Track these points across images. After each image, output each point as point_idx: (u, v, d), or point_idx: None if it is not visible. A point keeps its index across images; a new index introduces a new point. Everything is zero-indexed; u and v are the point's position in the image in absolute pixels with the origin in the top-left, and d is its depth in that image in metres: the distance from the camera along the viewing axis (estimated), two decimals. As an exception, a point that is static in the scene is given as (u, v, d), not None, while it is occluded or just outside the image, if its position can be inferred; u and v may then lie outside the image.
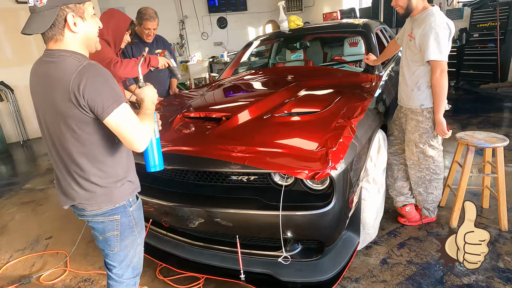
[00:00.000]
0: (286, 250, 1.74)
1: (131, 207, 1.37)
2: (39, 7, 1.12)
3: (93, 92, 1.11)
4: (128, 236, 1.39)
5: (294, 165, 1.53)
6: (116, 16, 2.40)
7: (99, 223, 1.34)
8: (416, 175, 2.30)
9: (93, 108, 1.13)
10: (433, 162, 2.21)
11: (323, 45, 4.14)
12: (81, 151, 1.23)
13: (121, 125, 1.15)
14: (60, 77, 1.13)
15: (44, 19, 1.12)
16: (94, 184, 1.27)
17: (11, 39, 6.03)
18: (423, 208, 2.40)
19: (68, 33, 1.18)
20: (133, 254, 1.44)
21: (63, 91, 1.12)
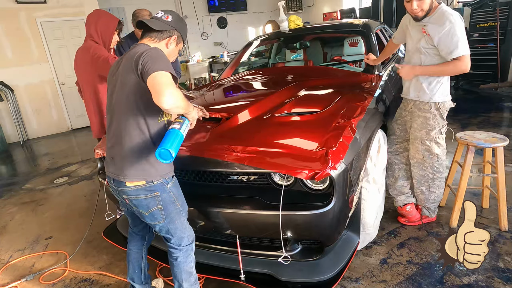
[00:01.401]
0: (286, 250, 1.74)
1: (168, 184, 1.54)
2: (163, 20, 1.53)
3: (148, 59, 1.34)
4: (172, 210, 1.56)
5: (294, 165, 1.53)
6: (104, 17, 2.42)
7: (142, 200, 1.50)
8: (419, 174, 2.30)
9: (143, 69, 1.33)
10: (438, 160, 2.22)
11: (323, 45, 4.14)
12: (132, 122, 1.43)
13: (157, 80, 1.30)
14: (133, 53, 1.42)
15: (162, 25, 1.52)
16: (138, 157, 1.45)
17: (11, 39, 6.03)
18: (423, 207, 2.40)
19: (162, 44, 1.54)
20: (182, 225, 1.62)
21: (128, 61, 1.41)
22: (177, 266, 1.66)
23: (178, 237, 1.62)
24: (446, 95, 2.16)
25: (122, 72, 1.44)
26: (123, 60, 1.49)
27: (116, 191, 1.57)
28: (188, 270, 1.68)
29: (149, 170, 1.47)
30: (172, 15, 1.54)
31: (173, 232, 1.60)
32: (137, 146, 1.45)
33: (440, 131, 2.18)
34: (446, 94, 2.16)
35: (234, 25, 9.96)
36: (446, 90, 2.16)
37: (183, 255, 1.65)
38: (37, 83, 6.37)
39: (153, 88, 1.29)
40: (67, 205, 3.39)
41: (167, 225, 1.57)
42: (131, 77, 1.40)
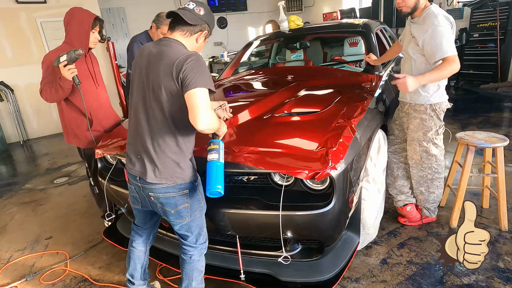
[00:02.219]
0: (286, 250, 1.74)
1: (197, 182, 1.57)
2: (196, 13, 1.46)
3: (190, 70, 1.34)
4: (197, 208, 1.59)
5: (294, 165, 1.53)
6: (77, 15, 2.18)
7: (170, 198, 1.51)
8: (418, 174, 2.30)
9: (184, 80, 1.34)
10: (436, 161, 2.22)
11: (323, 45, 4.14)
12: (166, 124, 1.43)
13: (196, 100, 1.33)
14: (172, 54, 1.40)
15: (195, 19, 1.46)
16: (170, 160, 1.46)
17: (11, 39, 6.02)
18: (423, 208, 2.39)
19: (193, 38, 1.50)
20: (202, 223, 1.65)
21: (168, 64, 1.37)
22: (190, 264, 1.68)
23: (196, 235, 1.64)
24: (442, 96, 2.15)
25: (160, 73, 1.40)
26: (156, 56, 1.43)
27: (140, 188, 1.55)
28: (200, 269, 1.72)
29: (180, 173, 1.48)
30: (203, 8, 1.49)
31: (193, 229, 1.61)
32: (171, 148, 1.46)
33: (437, 132, 2.17)
34: (442, 95, 2.15)
35: (234, 25, 9.95)
36: (442, 91, 2.15)
37: (198, 253, 1.68)
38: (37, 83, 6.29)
39: (191, 107, 1.33)
40: (67, 205, 3.39)
41: (190, 223, 1.59)
42: (169, 82, 1.38)
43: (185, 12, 1.44)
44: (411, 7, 2.04)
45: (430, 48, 1.99)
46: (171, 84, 1.37)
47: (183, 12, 1.44)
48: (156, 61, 1.42)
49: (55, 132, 6.69)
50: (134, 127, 1.54)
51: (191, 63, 1.35)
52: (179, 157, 1.47)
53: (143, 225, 1.80)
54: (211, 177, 1.43)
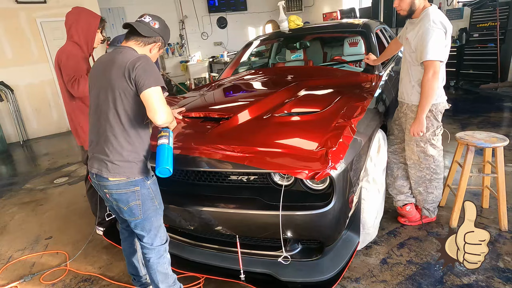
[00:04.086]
0: (286, 250, 1.74)
1: (149, 181, 1.59)
2: (151, 26, 1.56)
3: (142, 71, 1.43)
4: (150, 206, 1.60)
5: (294, 165, 1.53)
6: (84, 15, 2.26)
7: (122, 194, 1.55)
8: (416, 175, 2.30)
9: (137, 81, 1.43)
10: (434, 162, 2.22)
11: (323, 45, 4.14)
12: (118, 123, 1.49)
13: (152, 98, 1.43)
14: (123, 58, 1.48)
15: (149, 32, 1.56)
16: (122, 156, 1.51)
17: (11, 39, 6.02)
18: (423, 208, 2.39)
19: (146, 48, 1.59)
20: (157, 224, 1.66)
21: (120, 66, 1.46)
22: (150, 267, 1.70)
23: (151, 236, 1.65)
24: (439, 97, 2.13)
25: (112, 76, 1.47)
26: (109, 63, 1.51)
27: (98, 186, 1.61)
28: (163, 271, 1.71)
29: (131, 168, 1.53)
30: (159, 22, 1.59)
31: (147, 229, 1.64)
32: (122, 145, 1.51)
33: (434, 132, 2.16)
34: (439, 96, 2.13)
35: (234, 25, 9.95)
36: (439, 91, 2.13)
37: (155, 255, 1.68)
38: (37, 83, 6.37)
39: (148, 106, 1.43)
40: (67, 205, 3.39)
41: (143, 222, 1.61)
42: (122, 83, 1.46)
43: (140, 25, 1.55)
44: (407, 10, 2.07)
45: (419, 49, 2.01)
46: (124, 85, 1.45)
47: (138, 24, 1.54)
48: (109, 66, 1.50)
49: (55, 132, 6.69)
50: (92, 127, 1.60)
51: (142, 64, 1.44)
52: (129, 154, 1.53)
53: (124, 223, 1.83)
54: (160, 158, 1.49)
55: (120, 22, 8.33)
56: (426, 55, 1.95)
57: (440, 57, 1.97)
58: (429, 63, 1.96)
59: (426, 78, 1.98)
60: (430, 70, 1.96)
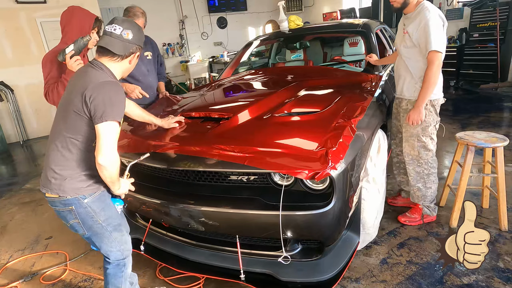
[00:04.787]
0: (286, 250, 1.74)
1: (86, 199, 1.48)
2: (124, 39, 1.42)
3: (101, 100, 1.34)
4: (92, 225, 1.52)
5: (294, 165, 1.53)
6: (78, 14, 2.16)
7: (59, 212, 1.50)
8: (415, 170, 2.31)
9: (94, 110, 1.34)
10: (432, 156, 2.26)
11: (323, 45, 4.14)
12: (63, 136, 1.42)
13: (103, 135, 1.35)
14: (88, 79, 1.38)
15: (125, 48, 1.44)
16: (54, 171, 1.44)
17: (11, 39, 6.02)
18: (424, 207, 2.40)
19: (125, 62, 1.49)
20: (109, 240, 1.57)
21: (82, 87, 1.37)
22: (106, 277, 1.66)
23: (105, 250, 1.59)
24: (440, 91, 2.19)
25: (73, 92, 1.40)
26: (79, 77, 1.43)
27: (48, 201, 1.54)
28: (116, 285, 1.65)
29: (63, 185, 1.43)
30: (131, 29, 1.44)
31: (98, 244, 1.57)
32: (58, 160, 1.43)
33: (435, 127, 2.22)
34: (440, 90, 2.19)
35: (234, 25, 9.95)
36: (440, 86, 2.19)
37: (113, 268, 1.63)
38: (37, 83, 6.36)
39: (98, 140, 1.36)
40: (67, 205, 3.39)
41: (91, 237, 1.55)
42: (78, 104, 1.37)
43: (113, 41, 1.41)
44: (401, 3, 2.10)
45: (423, 41, 2.03)
46: (79, 105, 1.36)
47: (111, 42, 1.40)
48: (76, 81, 1.42)
49: (55, 132, 6.69)
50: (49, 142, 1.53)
51: (102, 95, 1.34)
52: (62, 170, 1.43)
53: None
54: None
55: (120, 22, 8.32)
56: (431, 45, 1.98)
57: (443, 49, 2.00)
58: (434, 55, 1.99)
59: (432, 70, 2.01)
60: (435, 62, 2.00)
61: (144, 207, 2.01)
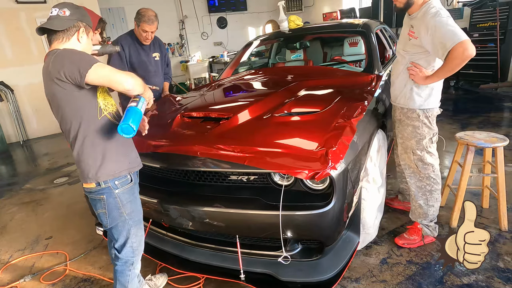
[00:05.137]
0: (286, 250, 1.74)
1: (117, 190, 1.52)
2: (61, 16, 1.41)
3: (66, 66, 1.33)
4: (117, 216, 1.55)
5: (294, 165, 1.53)
6: None
7: (92, 199, 1.55)
8: (416, 185, 2.15)
9: (73, 77, 1.33)
10: (433, 171, 2.10)
11: (323, 45, 4.14)
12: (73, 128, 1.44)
13: (102, 78, 1.36)
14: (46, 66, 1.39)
15: (63, 23, 1.41)
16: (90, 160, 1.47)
17: (11, 39, 6.03)
18: (423, 226, 2.20)
19: (73, 41, 1.45)
20: (128, 234, 1.60)
21: (47, 75, 1.37)
22: (115, 273, 1.68)
23: (120, 244, 1.63)
24: (436, 101, 2.03)
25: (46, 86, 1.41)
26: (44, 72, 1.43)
27: None
28: (123, 283, 1.67)
29: (99, 171, 1.47)
30: (68, 7, 1.44)
31: (116, 236, 1.61)
32: (86, 148, 1.46)
33: (431, 140, 2.05)
34: (437, 100, 2.03)
35: (234, 25, 9.96)
36: (437, 96, 2.02)
37: (122, 265, 1.66)
38: (37, 83, 6.36)
39: (107, 83, 1.37)
40: (67, 205, 3.39)
41: (111, 229, 1.60)
42: (56, 89, 1.37)
43: (50, 22, 1.40)
44: (404, 2, 1.93)
45: (439, 40, 1.77)
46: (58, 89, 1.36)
47: (48, 23, 1.40)
48: (44, 76, 1.42)
49: (55, 132, 6.69)
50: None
51: (60, 61, 1.33)
52: (99, 154, 1.47)
53: None
54: (125, 117, 1.41)
55: (120, 22, 8.33)
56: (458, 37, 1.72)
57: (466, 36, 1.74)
58: (463, 42, 1.71)
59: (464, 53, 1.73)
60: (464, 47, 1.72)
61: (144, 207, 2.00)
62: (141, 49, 2.91)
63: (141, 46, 2.92)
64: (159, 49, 3.05)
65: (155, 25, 2.80)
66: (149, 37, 2.84)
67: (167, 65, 3.20)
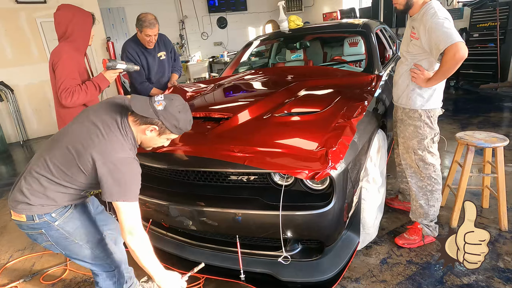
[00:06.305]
0: (286, 250, 1.74)
1: (56, 222, 1.38)
2: (153, 105, 1.35)
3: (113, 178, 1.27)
4: (68, 245, 1.44)
5: (294, 165, 1.53)
6: (78, 14, 2.18)
7: (29, 235, 1.41)
8: (417, 185, 2.16)
9: (106, 185, 1.27)
10: (434, 171, 2.10)
11: (323, 45, 4.14)
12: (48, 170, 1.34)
13: (120, 214, 1.29)
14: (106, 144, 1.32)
15: (146, 110, 1.34)
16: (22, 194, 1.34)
17: (11, 39, 6.02)
18: (424, 226, 2.20)
19: (141, 128, 1.40)
20: (91, 256, 1.50)
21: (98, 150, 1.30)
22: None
23: (88, 266, 1.54)
24: (438, 102, 2.04)
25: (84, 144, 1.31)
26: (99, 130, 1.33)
27: None
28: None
29: (30, 208, 1.33)
30: (167, 103, 1.36)
31: (81, 259, 1.50)
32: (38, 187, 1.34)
33: (432, 140, 2.06)
34: (438, 101, 2.04)
35: (234, 25, 9.96)
36: (439, 96, 2.03)
37: (104, 281, 1.58)
38: (37, 83, 6.37)
39: (119, 217, 1.29)
40: (67, 205, 3.39)
41: (70, 256, 1.48)
42: (86, 161, 1.29)
43: (140, 100, 1.36)
44: (403, 4, 1.95)
45: (434, 41, 1.81)
46: (89, 162, 1.29)
47: (137, 104, 1.34)
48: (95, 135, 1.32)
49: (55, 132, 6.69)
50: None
51: (118, 171, 1.26)
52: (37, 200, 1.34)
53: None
54: None
55: (120, 22, 8.34)
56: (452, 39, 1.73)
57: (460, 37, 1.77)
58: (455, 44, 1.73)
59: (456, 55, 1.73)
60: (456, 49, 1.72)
61: (144, 207, 2.01)
62: (147, 52, 2.95)
63: (146, 50, 2.95)
64: (164, 47, 3.07)
65: (157, 28, 2.83)
66: (152, 41, 2.88)
67: (174, 60, 3.22)
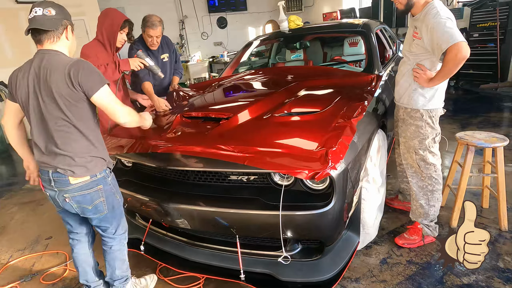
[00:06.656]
0: (286, 250, 1.74)
1: (109, 178, 1.68)
2: (48, 16, 1.46)
3: (83, 76, 1.45)
4: (113, 200, 1.70)
5: (294, 165, 1.53)
6: (110, 15, 2.37)
7: (86, 195, 1.60)
8: (417, 185, 2.16)
9: (83, 87, 1.46)
10: (435, 171, 2.10)
11: (323, 45, 4.14)
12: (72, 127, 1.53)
13: (103, 101, 1.51)
14: (57, 66, 1.45)
15: (53, 23, 1.47)
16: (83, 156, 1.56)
17: (11, 39, 6.02)
18: (424, 226, 2.20)
19: (63, 39, 1.53)
20: (121, 215, 1.79)
21: (60, 76, 1.44)
22: (111, 254, 1.80)
23: (115, 226, 1.76)
24: (440, 102, 2.04)
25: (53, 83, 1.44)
26: (43, 70, 1.45)
27: (56, 193, 1.61)
28: (122, 258, 1.83)
29: (94, 167, 1.59)
30: (52, 7, 1.47)
31: (111, 221, 1.73)
32: (79, 146, 1.55)
33: (433, 140, 2.06)
34: (440, 101, 2.04)
35: (234, 25, 9.96)
36: (441, 96, 2.03)
37: (118, 243, 1.80)
38: (37, 83, 6.37)
39: (104, 109, 1.53)
40: (67, 205, 3.39)
41: (107, 215, 1.69)
42: (66, 90, 1.45)
43: (41, 23, 1.44)
44: (404, 4, 1.95)
45: (436, 40, 1.81)
46: (68, 91, 1.45)
47: (38, 23, 1.43)
48: (46, 73, 1.45)
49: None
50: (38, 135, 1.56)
51: (82, 69, 1.45)
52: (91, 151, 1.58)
53: (79, 230, 1.84)
54: None
55: (120, 22, 8.32)
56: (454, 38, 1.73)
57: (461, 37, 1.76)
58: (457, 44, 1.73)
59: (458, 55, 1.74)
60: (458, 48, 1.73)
61: (144, 207, 2.01)
62: (151, 54, 2.95)
63: (151, 51, 2.95)
64: (167, 49, 3.08)
65: (159, 30, 2.82)
66: (154, 42, 2.88)
67: (175, 61, 3.22)
